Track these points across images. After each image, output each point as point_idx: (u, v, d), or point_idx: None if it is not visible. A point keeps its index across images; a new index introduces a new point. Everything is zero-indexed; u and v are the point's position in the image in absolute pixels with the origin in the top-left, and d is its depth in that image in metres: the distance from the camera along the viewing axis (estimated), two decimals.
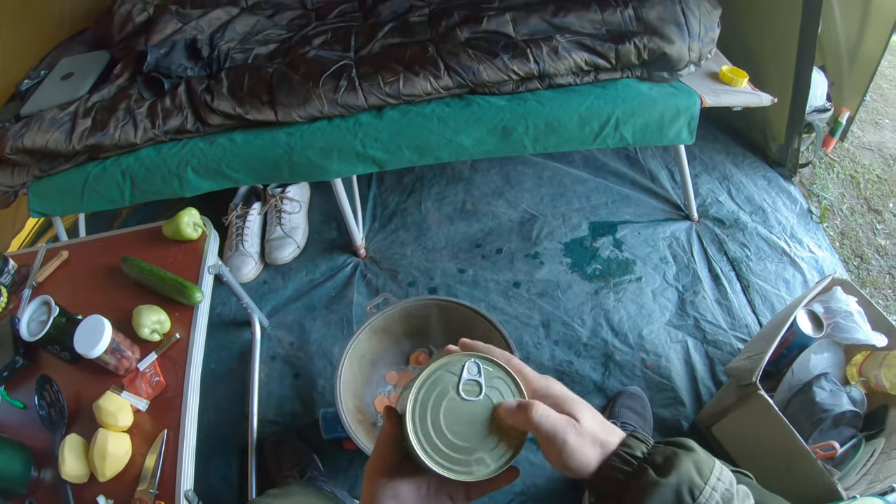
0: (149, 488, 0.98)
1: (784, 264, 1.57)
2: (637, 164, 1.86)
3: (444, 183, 1.91)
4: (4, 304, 1.30)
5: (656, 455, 0.44)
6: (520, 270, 1.65)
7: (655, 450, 0.45)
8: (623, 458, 0.44)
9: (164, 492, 0.98)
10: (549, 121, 1.37)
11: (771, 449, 1.08)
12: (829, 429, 1.09)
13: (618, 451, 0.45)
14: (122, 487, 1.00)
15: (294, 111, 1.37)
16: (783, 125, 1.68)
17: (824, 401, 1.09)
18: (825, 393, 1.09)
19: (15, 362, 1.17)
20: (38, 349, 1.19)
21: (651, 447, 0.45)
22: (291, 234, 1.76)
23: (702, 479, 0.42)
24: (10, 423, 1.14)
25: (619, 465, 0.44)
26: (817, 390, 1.10)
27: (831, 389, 1.10)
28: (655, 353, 1.45)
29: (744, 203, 1.71)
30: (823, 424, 1.08)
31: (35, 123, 1.44)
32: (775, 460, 1.06)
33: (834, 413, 1.07)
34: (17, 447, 1.05)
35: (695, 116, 1.39)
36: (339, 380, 1.19)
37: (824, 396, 1.09)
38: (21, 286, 1.33)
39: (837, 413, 1.07)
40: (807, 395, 1.11)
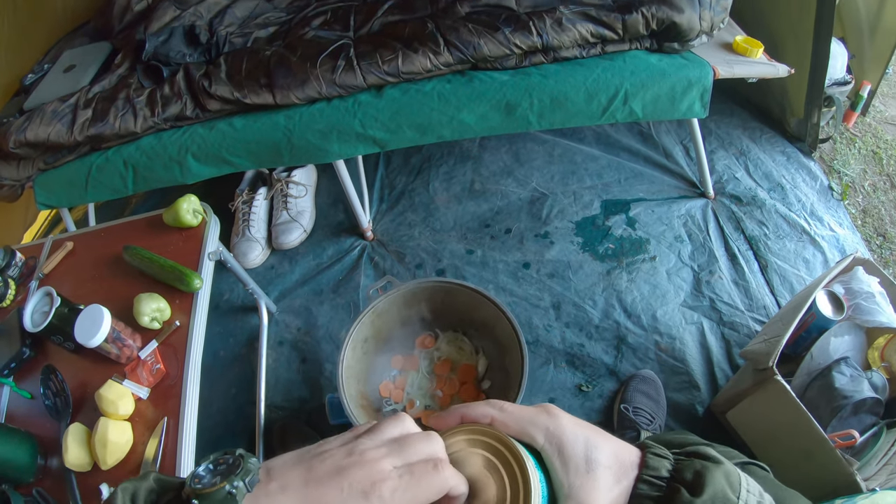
0: None
1: (804, 243, 1.49)
2: (650, 141, 1.77)
3: (452, 162, 1.84)
4: (13, 297, 1.29)
5: (684, 471, 0.39)
6: (529, 251, 1.59)
7: (681, 465, 0.40)
8: (650, 482, 0.39)
9: None
10: (555, 95, 1.30)
11: (788, 437, 1.03)
12: (849, 416, 1.03)
13: (642, 475, 0.40)
14: (124, 475, 0.98)
15: (292, 93, 1.32)
16: (802, 99, 1.58)
17: (844, 386, 1.03)
18: (845, 378, 1.03)
19: (22, 353, 1.16)
20: (43, 340, 1.18)
21: (674, 462, 0.41)
22: (298, 219, 1.72)
23: (734, 494, 0.38)
24: (18, 414, 1.14)
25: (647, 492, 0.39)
26: (837, 375, 1.04)
27: (851, 374, 1.04)
28: (670, 335, 1.38)
29: (762, 179, 1.62)
30: (843, 411, 1.02)
31: (37, 117, 1.42)
32: (792, 448, 1.01)
33: (854, 400, 1.01)
34: (23, 437, 1.04)
35: (708, 88, 1.31)
36: (341, 366, 1.15)
37: (844, 382, 1.03)
38: (28, 278, 1.32)
39: (858, 400, 1.01)
40: (826, 380, 1.05)
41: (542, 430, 0.40)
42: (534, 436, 0.40)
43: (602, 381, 1.35)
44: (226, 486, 0.35)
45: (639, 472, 0.40)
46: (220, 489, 0.35)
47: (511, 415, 0.41)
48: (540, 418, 0.40)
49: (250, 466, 0.37)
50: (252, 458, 0.38)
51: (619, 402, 1.29)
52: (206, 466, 0.38)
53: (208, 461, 0.38)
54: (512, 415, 0.41)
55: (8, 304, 1.29)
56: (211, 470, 0.37)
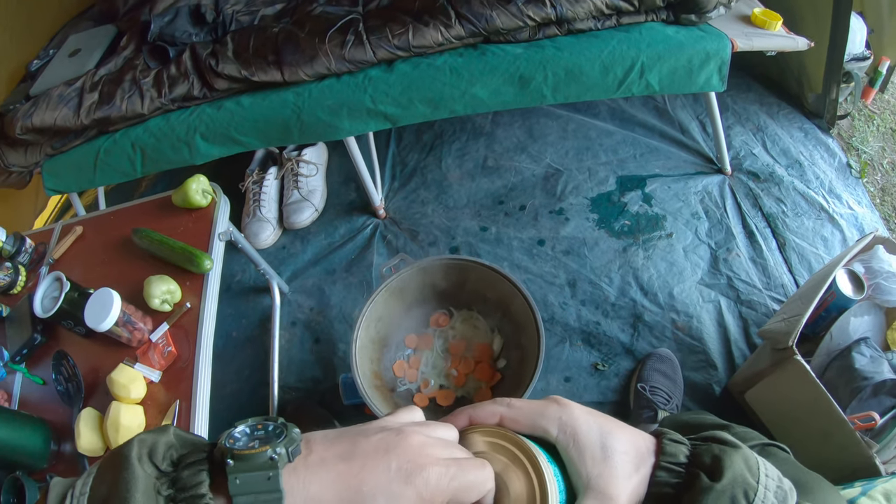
0: None
1: (822, 221, 1.44)
2: (666, 116, 1.71)
3: (464, 139, 1.80)
4: (23, 283, 1.28)
5: (702, 456, 0.38)
6: (544, 227, 1.55)
7: (698, 450, 0.38)
8: (669, 469, 0.38)
9: None
10: (569, 68, 1.26)
11: (806, 417, 1.00)
12: (869, 397, 1.00)
13: (660, 462, 0.38)
14: None
15: (301, 70, 1.28)
16: (820, 73, 1.52)
17: (864, 367, 1.00)
18: (865, 359, 1.01)
19: (33, 339, 1.15)
20: (54, 325, 1.16)
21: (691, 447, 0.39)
22: (309, 198, 1.69)
23: (754, 479, 0.36)
24: (31, 400, 1.13)
25: (666, 479, 0.38)
26: (857, 356, 1.01)
27: (871, 355, 1.01)
28: (687, 313, 1.34)
29: (779, 156, 1.56)
30: (863, 393, 0.99)
31: (43, 102, 1.40)
32: (811, 430, 0.98)
33: (874, 381, 0.98)
34: (36, 423, 1.03)
35: (726, 61, 1.26)
36: (354, 345, 1.12)
37: (864, 363, 1.00)
38: (38, 264, 1.30)
39: (878, 381, 0.98)
40: (845, 360, 1.02)
41: (555, 421, 0.38)
42: (546, 428, 0.38)
43: (618, 360, 1.32)
44: (268, 451, 0.32)
45: (656, 459, 0.38)
46: (261, 453, 0.32)
47: (520, 410, 0.39)
48: (550, 410, 0.39)
49: (294, 436, 0.34)
50: (295, 429, 0.35)
51: (635, 381, 1.26)
52: (242, 429, 0.35)
53: (245, 424, 0.36)
54: (521, 410, 0.39)
55: (19, 290, 1.28)
56: (248, 434, 0.35)
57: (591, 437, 0.38)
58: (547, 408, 0.39)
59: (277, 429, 0.35)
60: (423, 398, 1.19)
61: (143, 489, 0.32)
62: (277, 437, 0.34)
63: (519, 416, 0.39)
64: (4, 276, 1.26)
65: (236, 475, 0.32)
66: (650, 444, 0.39)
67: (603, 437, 0.38)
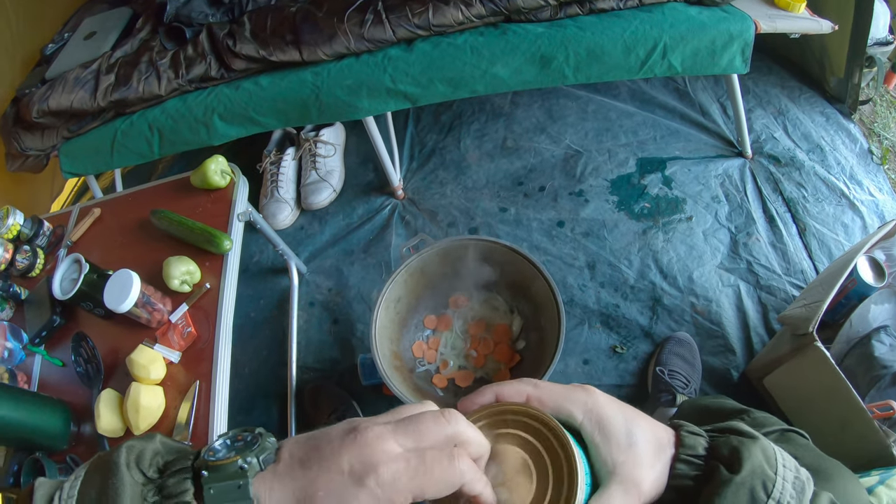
0: (182, 439, 0.93)
1: (843, 207, 1.40)
2: (687, 98, 1.67)
3: (483, 119, 1.76)
4: (41, 266, 1.27)
5: (721, 448, 0.37)
6: (564, 209, 1.51)
7: (717, 441, 0.38)
8: (689, 461, 0.37)
9: (197, 442, 0.93)
10: (591, 48, 1.22)
11: (824, 405, 0.98)
12: (888, 386, 0.97)
13: (679, 455, 0.37)
14: None
15: (319, 49, 1.25)
16: (842, 57, 1.47)
17: (884, 356, 0.97)
18: (885, 347, 0.98)
19: (53, 321, 1.14)
20: (73, 307, 1.15)
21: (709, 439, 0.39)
22: (327, 178, 1.66)
23: (772, 470, 0.36)
24: (50, 381, 1.12)
25: (686, 472, 0.37)
26: (876, 344, 0.98)
27: (891, 344, 0.98)
28: (706, 297, 1.31)
29: (800, 140, 1.52)
30: (882, 382, 0.96)
31: (59, 84, 1.38)
32: (828, 417, 0.96)
33: (893, 370, 0.96)
34: (56, 405, 1.02)
35: (749, 43, 1.22)
36: (374, 326, 1.10)
37: (884, 351, 0.97)
38: (56, 247, 1.29)
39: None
40: (865, 348, 0.99)
41: (581, 405, 0.38)
42: (572, 411, 0.38)
43: (637, 343, 1.29)
44: (238, 461, 0.33)
45: (675, 451, 0.38)
46: (231, 462, 0.33)
47: (547, 391, 0.39)
48: (576, 394, 0.38)
49: (267, 445, 0.35)
50: (271, 438, 0.36)
51: (654, 365, 1.23)
52: (223, 441, 0.36)
53: (226, 436, 0.37)
54: (548, 391, 0.39)
55: (37, 273, 1.27)
56: (227, 445, 0.36)
57: (616, 425, 0.37)
58: (573, 392, 0.39)
59: (254, 439, 0.35)
60: (441, 379, 1.17)
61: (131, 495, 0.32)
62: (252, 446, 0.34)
63: (545, 397, 0.38)
64: (23, 260, 1.25)
65: (210, 485, 0.33)
66: (670, 435, 0.39)
67: (628, 425, 0.38)
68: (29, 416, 0.95)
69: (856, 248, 1.03)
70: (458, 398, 1.29)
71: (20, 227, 1.27)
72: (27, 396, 1.00)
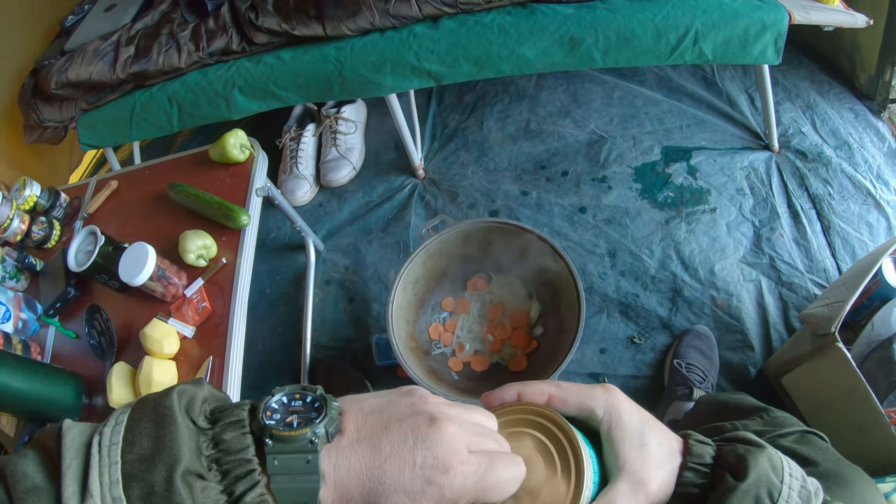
0: None
1: (868, 206, 1.34)
2: (714, 87, 1.60)
3: (507, 101, 1.70)
4: (57, 238, 1.25)
5: (728, 456, 0.38)
6: (586, 195, 1.46)
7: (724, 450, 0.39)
8: (696, 470, 0.38)
9: None
10: (621, 31, 1.17)
11: (842, 407, 0.95)
12: None
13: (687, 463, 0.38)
14: None
15: (343, 24, 1.20)
16: (874, 54, 1.40)
17: None
18: None
19: (67, 293, 1.12)
20: (88, 279, 1.13)
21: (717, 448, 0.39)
22: (347, 156, 1.61)
23: (778, 478, 0.36)
24: (63, 353, 1.10)
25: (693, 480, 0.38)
26: None
27: None
28: (727, 291, 1.27)
29: (828, 136, 1.46)
30: None
31: (78, 56, 1.35)
32: (846, 420, 0.93)
33: None
34: (69, 377, 1.00)
35: (782, 33, 1.16)
36: (391, 306, 1.07)
37: None
38: (73, 219, 1.27)
39: None
40: (886, 352, 0.95)
41: (602, 402, 0.39)
42: (593, 408, 0.39)
43: (655, 334, 1.25)
44: (307, 434, 0.31)
45: (683, 459, 0.38)
46: (301, 435, 0.30)
47: (569, 391, 0.40)
48: (598, 392, 0.40)
49: (333, 414, 0.33)
50: (334, 403, 0.34)
51: (671, 357, 1.19)
52: (279, 399, 0.34)
53: (283, 392, 0.34)
54: (570, 391, 0.40)
55: (53, 244, 1.24)
56: (284, 404, 0.33)
57: (632, 423, 0.38)
58: (594, 390, 0.40)
59: (316, 401, 0.33)
60: (457, 362, 1.13)
61: (189, 446, 0.29)
62: (316, 412, 0.32)
63: (567, 396, 0.39)
64: (39, 231, 1.22)
65: (275, 456, 0.30)
66: (679, 444, 0.39)
67: (642, 426, 0.38)
68: (42, 387, 0.93)
69: (881, 248, 0.99)
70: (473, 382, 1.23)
71: (37, 198, 1.24)
72: (40, 368, 0.98)
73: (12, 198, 1.21)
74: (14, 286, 1.16)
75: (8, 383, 0.88)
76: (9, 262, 1.16)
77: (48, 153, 1.66)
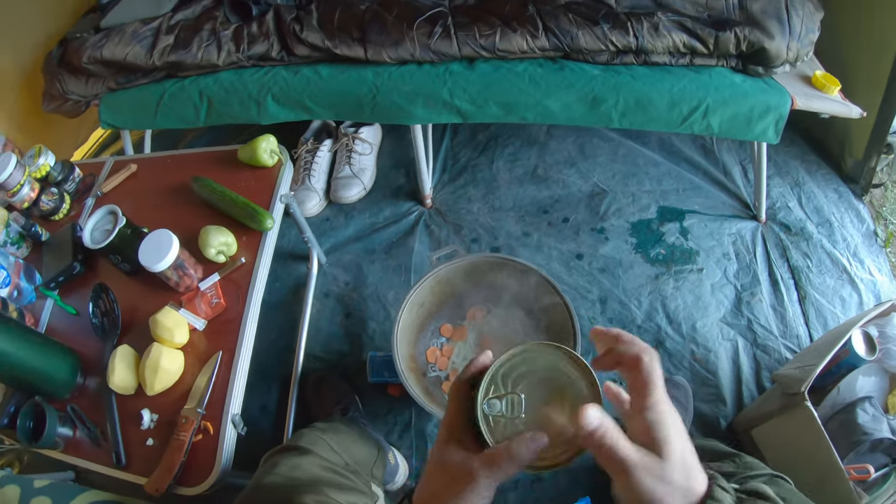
0: (196, 408, 0.91)
1: (843, 282, 1.45)
2: (712, 156, 1.71)
3: (518, 144, 1.77)
4: (66, 211, 1.24)
5: None
6: (584, 243, 1.54)
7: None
8: None
9: (210, 413, 0.91)
10: (640, 97, 1.25)
11: (806, 461, 1.00)
12: (867, 452, 1.00)
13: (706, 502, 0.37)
14: (168, 403, 0.94)
15: (385, 51, 1.26)
16: (863, 141, 1.53)
17: (866, 423, 1.00)
18: (867, 416, 1.01)
19: (73, 268, 1.10)
20: (97, 258, 1.13)
21: (736, 499, 0.39)
22: (359, 175, 1.65)
23: None
24: (59, 328, 1.08)
25: None
26: (860, 412, 1.01)
27: (874, 414, 1.01)
28: (706, 347, 1.35)
29: (812, 213, 1.57)
30: (861, 447, 0.99)
31: (116, 35, 1.36)
32: (808, 472, 0.98)
33: (873, 437, 0.99)
34: (66, 352, 0.99)
35: (784, 116, 1.26)
36: (397, 325, 1.11)
37: (867, 419, 1.00)
38: (85, 195, 1.26)
39: (876, 438, 0.99)
40: (849, 415, 1.02)
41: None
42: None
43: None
44: None
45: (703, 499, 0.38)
46: None
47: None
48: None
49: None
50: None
51: None
52: None
53: None
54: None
55: (61, 217, 1.24)
56: None
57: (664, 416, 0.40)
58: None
59: None
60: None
61: None
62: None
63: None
64: (49, 202, 1.21)
65: None
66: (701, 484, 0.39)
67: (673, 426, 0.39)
68: (38, 358, 0.92)
69: (852, 321, 1.07)
70: None
71: (50, 168, 1.24)
72: (39, 339, 0.97)
73: (25, 164, 1.20)
74: (15, 252, 1.14)
75: (5, 349, 0.87)
76: (14, 227, 1.14)
77: (57, 125, 1.64)
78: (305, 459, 0.82)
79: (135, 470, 0.88)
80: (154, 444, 0.90)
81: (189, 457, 0.86)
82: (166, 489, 0.83)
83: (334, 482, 0.81)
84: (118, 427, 0.91)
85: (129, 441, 0.90)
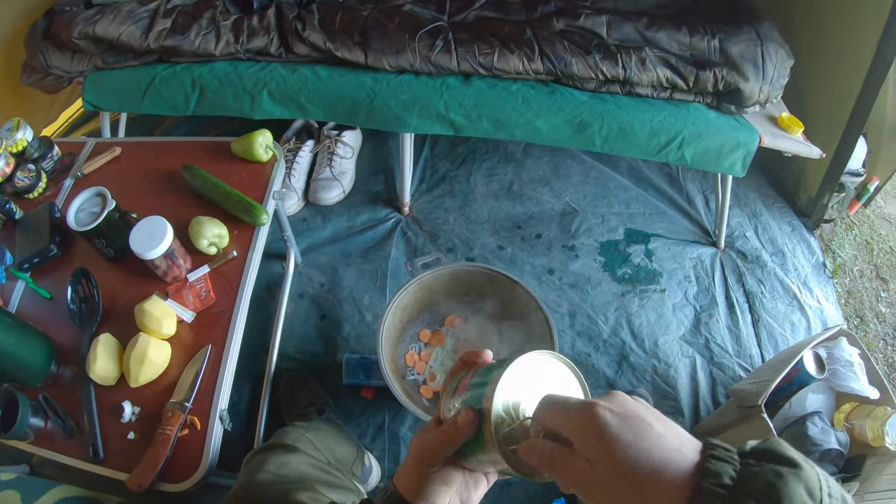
0: (184, 401, 0.88)
1: (793, 308, 1.56)
2: (677, 184, 1.82)
3: (495, 160, 1.82)
4: (42, 190, 1.19)
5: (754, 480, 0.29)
6: (555, 259, 1.60)
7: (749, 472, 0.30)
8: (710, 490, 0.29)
9: (197, 407, 0.89)
10: (623, 125, 1.32)
11: None
12: (816, 461, 1.05)
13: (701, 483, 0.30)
14: (151, 396, 0.91)
15: (385, 58, 1.28)
16: (818, 179, 1.65)
17: (816, 435, 1.09)
18: (817, 429, 1.10)
19: (49, 250, 1.05)
20: (76, 240, 1.08)
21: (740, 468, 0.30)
22: (339, 178, 1.66)
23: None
24: (30, 313, 1.02)
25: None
26: (810, 425, 1.10)
27: (822, 427, 1.11)
28: (666, 362, 1.43)
29: (767, 243, 1.70)
30: (811, 457, 1.08)
31: (110, 13, 1.31)
32: None
33: (822, 448, 1.08)
34: (41, 338, 0.94)
35: (751, 152, 1.35)
36: (382, 327, 1.12)
37: (816, 432, 1.10)
38: (63, 175, 1.21)
39: (825, 449, 1.08)
40: (800, 427, 1.11)
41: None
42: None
43: (601, 392, 1.35)
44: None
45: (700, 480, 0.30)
46: None
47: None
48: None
49: None
50: None
51: None
52: None
53: None
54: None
55: (36, 195, 1.18)
56: None
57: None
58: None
59: None
60: (428, 390, 1.20)
61: None
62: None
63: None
64: (25, 178, 1.16)
65: None
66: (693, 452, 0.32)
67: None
68: (12, 343, 0.87)
69: (805, 342, 1.16)
70: None
71: (27, 143, 1.18)
72: (12, 321, 0.90)
73: (2, 136, 1.15)
74: None
75: None
76: None
77: (28, 102, 1.56)
78: (293, 457, 0.82)
79: (113, 464, 0.84)
80: (135, 437, 0.86)
81: (173, 452, 0.83)
82: (149, 485, 0.80)
83: (322, 479, 0.81)
84: (96, 419, 0.87)
85: (108, 434, 0.86)
